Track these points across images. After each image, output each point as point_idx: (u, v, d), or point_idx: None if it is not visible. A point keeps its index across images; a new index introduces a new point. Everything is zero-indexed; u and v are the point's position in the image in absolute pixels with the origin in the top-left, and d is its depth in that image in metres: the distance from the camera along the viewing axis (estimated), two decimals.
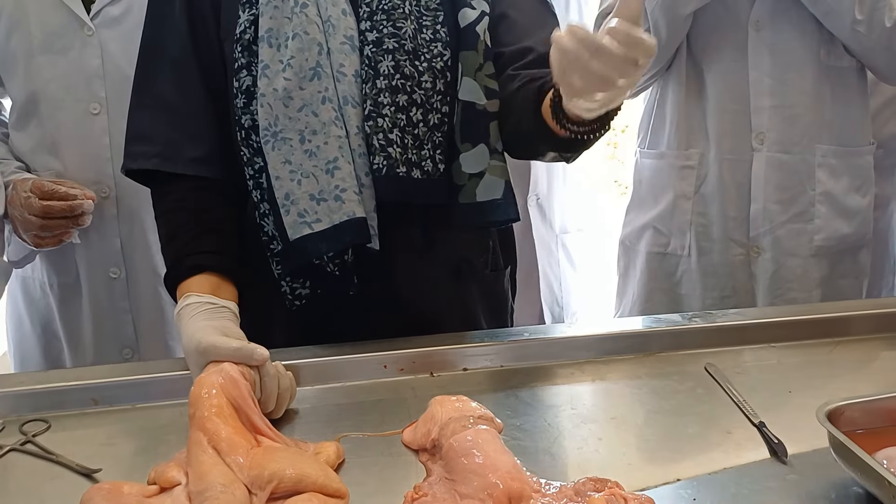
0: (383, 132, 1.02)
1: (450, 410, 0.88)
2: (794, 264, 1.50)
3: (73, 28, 1.41)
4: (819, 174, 1.48)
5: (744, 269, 1.53)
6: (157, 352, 1.52)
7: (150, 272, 1.51)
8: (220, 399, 0.84)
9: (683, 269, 1.59)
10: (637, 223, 1.66)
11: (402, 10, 1.04)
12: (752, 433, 0.90)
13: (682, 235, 1.57)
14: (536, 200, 1.91)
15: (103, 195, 1.46)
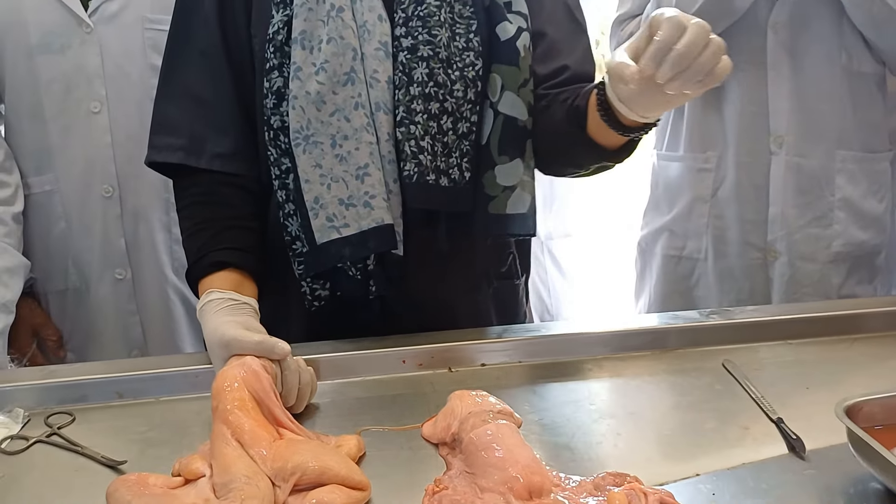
0: (415, 139, 1.03)
1: (469, 405, 0.89)
2: (810, 269, 1.49)
3: (72, 26, 1.40)
4: (838, 179, 1.48)
5: (760, 272, 1.53)
6: (165, 352, 1.52)
7: (156, 272, 1.51)
8: (242, 392, 0.85)
9: (700, 272, 1.59)
10: (654, 225, 1.66)
11: (438, 17, 1.04)
12: (770, 429, 0.90)
13: (698, 238, 1.57)
14: None
15: (106, 195, 1.45)
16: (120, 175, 1.45)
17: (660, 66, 0.81)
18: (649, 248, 1.68)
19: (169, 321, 1.53)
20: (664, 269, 1.64)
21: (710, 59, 0.80)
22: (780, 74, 1.45)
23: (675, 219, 1.61)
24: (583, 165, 1.11)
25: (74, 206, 1.46)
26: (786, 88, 1.46)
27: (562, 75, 1.09)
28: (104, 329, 1.51)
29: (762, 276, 1.53)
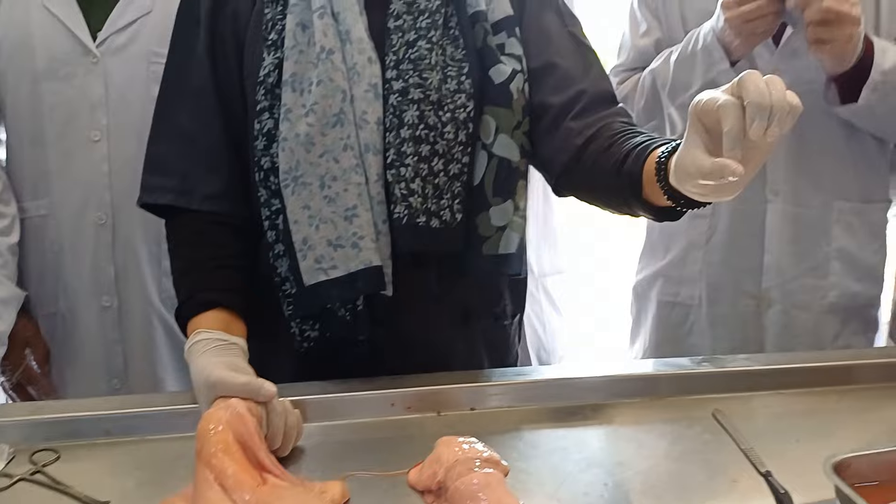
0: (405, 181, 1.03)
1: (456, 452, 0.88)
2: (805, 319, 1.49)
3: (78, 55, 1.42)
4: (835, 230, 1.48)
5: (754, 321, 1.53)
6: (146, 383, 1.51)
7: (143, 302, 1.50)
8: (226, 435, 0.85)
9: (693, 318, 1.58)
10: (649, 271, 1.66)
11: (429, 60, 1.05)
12: (758, 482, 0.89)
13: (692, 285, 1.57)
14: None
15: (100, 222, 1.45)
16: (115, 204, 1.45)
17: (749, 130, 0.75)
18: (644, 293, 1.67)
19: (152, 352, 1.52)
20: (659, 314, 1.64)
21: (781, 96, 0.75)
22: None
23: (669, 265, 1.61)
24: (632, 214, 1.07)
25: (68, 232, 1.47)
26: (783, 138, 1.46)
27: (581, 101, 1.09)
28: (87, 355, 1.51)
29: (756, 324, 1.53)
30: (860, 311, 1.52)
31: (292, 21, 1.05)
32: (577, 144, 1.07)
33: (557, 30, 1.15)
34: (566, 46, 1.14)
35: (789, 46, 1.43)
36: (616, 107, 1.12)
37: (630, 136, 1.02)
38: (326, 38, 1.04)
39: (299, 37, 1.04)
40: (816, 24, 1.29)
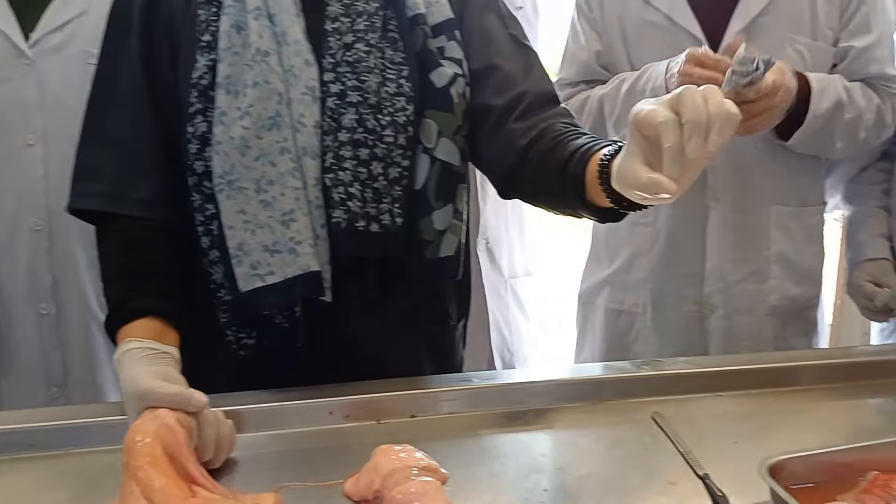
0: (344, 185, 1.02)
1: (393, 461, 0.86)
2: (746, 323, 1.51)
3: (11, 57, 1.37)
4: (774, 234, 1.50)
5: (698, 326, 1.54)
6: (86, 390, 1.47)
7: (82, 309, 1.47)
8: (154, 447, 0.82)
9: (639, 326, 1.59)
10: (594, 279, 1.67)
11: (367, 63, 1.04)
12: (696, 485, 0.89)
13: (637, 292, 1.58)
14: (486, 244, 1.89)
15: (36, 228, 1.41)
16: (51, 209, 1.41)
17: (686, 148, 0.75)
18: (590, 301, 1.68)
19: (91, 359, 1.48)
20: (605, 322, 1.64)
21: (718, 108, 0.74)
22: None
23: (614, 273, 1.61)
24: (575, 215, 1.07)
25: (2, 238, 1.42)
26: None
27: (523, 102, 1.09)
28: (24, 364, 1.46)
29: (700, 329, 1.54)
30: (800, 314, 1.55)
31: (227, 22, 1.02)
32: (521, 146, 1.06)
33: (498, 32, 1.15)
34: (507, 48, 1.14)
35: (728, 54, 1.45)
36: (558, 107, 1.12)
37: (573, 137, 1.03)
38: (262, 39, 1.02)
39: (234, 38, 1.02)
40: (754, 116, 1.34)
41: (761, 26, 1.43)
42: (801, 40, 1.44)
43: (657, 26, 1.49)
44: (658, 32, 1.49)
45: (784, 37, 1.43)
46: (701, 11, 1.46)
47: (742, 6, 1.44)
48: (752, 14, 1.43)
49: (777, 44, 1.43)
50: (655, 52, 1.48)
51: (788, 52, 1.43)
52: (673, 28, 1.47)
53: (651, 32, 1.49)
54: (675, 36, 1.47)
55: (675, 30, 1.47)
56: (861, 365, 1.18)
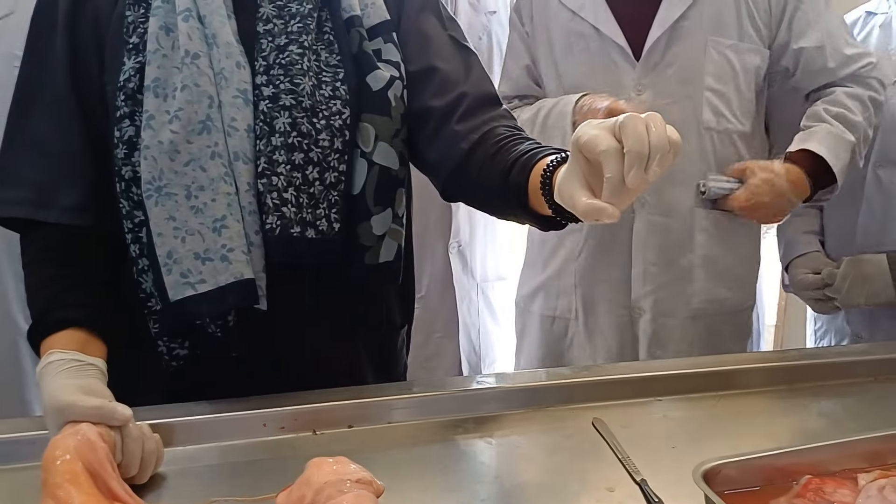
0: (277, 191, 0.99)
1: (326, 473, 0.84)
2: (671, 325, 1.52)
3: None
4: (698, 238, 1.51)
5: (628, 330, 1.55)
6: (13, 408, 1.43)
7: (6, 322, 1.42)
8: (74, 464, 0.79)
9: (573, 331, 1.59)
10: (530, 286, 1.67)
11: (301, 65, 1.01)
12: (633, 490, 0.89)
13: (568, 298, 1.58)
14: (458, 248, 1.89)
15: None
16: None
17: (626, 178, 0.74)
18: (527, 307, 1.68)
19: (18, 375, 1.44)
20: (541, 329, 1.65)
21: (660, 137, 0.74)
22: None
23: (548, 279, 1.62)
24: (518, 221, 1.06)
25: None
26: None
27: (463, 103, 1.07)
28: None
29: (630, 333, 1.55)
30: (731, 317, 1.56)
31: (155, 24, 0.99)
32: (464, 149, 1.05)
33: (437, 33, 1.13)
34: (446, 50, 1.13)
35: (651, 61, 1.46)
36: (500, 109, 1.10)
37: (516, 142, 1.01)
38: (192, 41, 0.99)
39: (163, 40, 0.99)
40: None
41: (682, 31, 1.45)
42: (726, 42, 1.45)
43: (584, 37, 1.50)
44: (585, 42, 1.50)
45: (706, 40, 1.45)
46: (624, 20, 1.47)
47: (661, 12, 1.45)
48: (672, 19, 1.44)
49: (699, 47, 1.45)
50: (583, 62, 1.50)
51: (712, 54, 1.45)
52: (599, 38, 1.48)
53: (578, 43, 1.51)
54: (601, 45, 1.48)
55: (601, 39, 1.48)
56: (799, 368, 1.19)
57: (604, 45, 1.48)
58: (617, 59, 1.48)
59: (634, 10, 1.47)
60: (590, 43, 1.49)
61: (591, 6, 1.49)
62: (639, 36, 1.46)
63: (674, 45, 1.45)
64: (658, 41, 1.45)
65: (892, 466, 0.89)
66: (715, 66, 1.44)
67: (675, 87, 1.46)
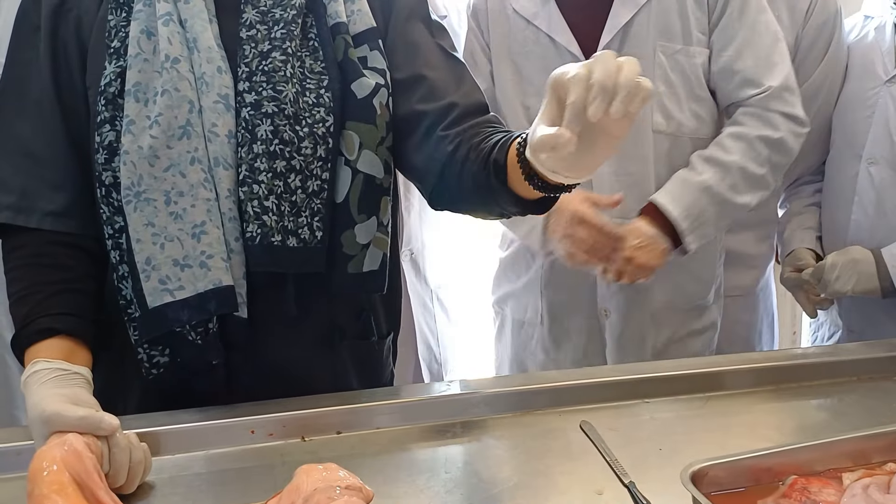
0: (258, 199, 0.99)
1: (315, 480, 0.84)
2: (635, 324, 1.53)
3: None
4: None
5: (596, 332, 1.56)
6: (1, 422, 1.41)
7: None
8: (61, 475, 0.78)
9: (539, 336, 1.60)
10: (503, 290, 1.68)
11: (284, 72, 1.00)
12: (622, 493, 0.89)
13: (535, 303, 1.59)
14: (410, 255, 1.88)
15: None
16: None
17: (588, 108, 0.74)
18: (502, 310, 1.69)
19: (4, 388, 1.42)
20: (514, 332, 1.66)
21: (629, 77, 0.73)
22: None
23: (517, 284, 1.62)
24: (501, 214, 1.06)
25: None
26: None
27: (452, 112, 1.06)
28: None
29: (598, 336, 1.56)
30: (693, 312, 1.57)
31: (136, 28, 0.99)
32: (448, 150, 1.04)
33: (426, 41, 1.13)
34: (435, 58, 1.12)
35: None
36: (488, 115, 1.10)
37: (497, 133, 1.01)
38: (172, 46, 0.98)
39: (144, 44, 0.99)
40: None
41: (631, 35, 1.45)
42: (674, 46, 1.45)
43: (539, 44, 1.50)
44: (541, 50, 1.50)
45: (655, 44, 1.45)
46: (576, 27, 1.47)
47: (611, 18, 1.45)
48: (621, 24, 1.45)
49: (649, 52, 1.45)
50: (539, 67, 1.49)
51: (660, 58, 1.45)
52: (554, 46, 1.48)
53: (535, 50, 1.50)
54: (556, 52, 1.48)
55: (555, 47, 1.48)
56: (785, 368, 1.20)
57: (559, 53, 1.47)
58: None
59: (586, 16, 1.47)
60: (545, 51, 1.49)
61: (544, 14, 1.49)
62: (591, 41, 1.46)
63: (623, 51, 1.45)
64: (608, 46, 1.44)
65: (876, 465, 0.90)
66: (663, 70, 1.45)
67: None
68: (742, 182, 1.45)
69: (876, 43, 1.57)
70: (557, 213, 1.40)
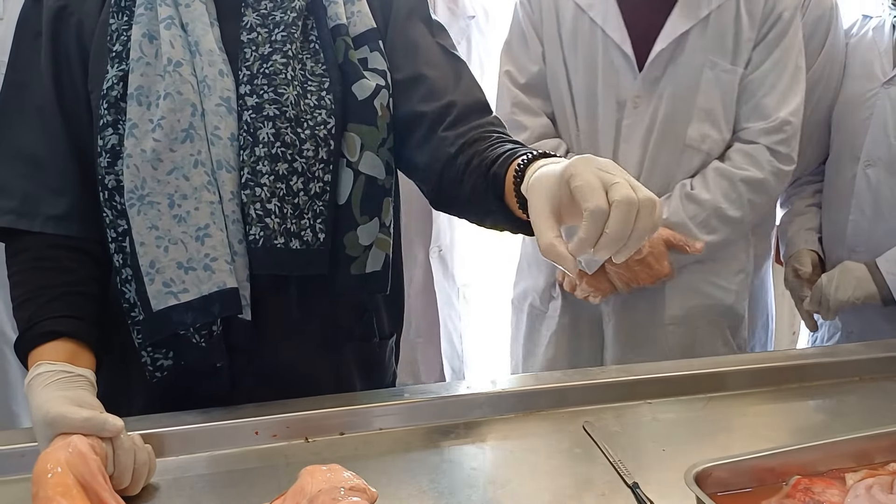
0: (261, 202, 0.99)
1: (320, 482, 0.84)
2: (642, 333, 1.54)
3: None
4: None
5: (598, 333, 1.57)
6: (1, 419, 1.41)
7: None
8: (65, 477, 0.78)
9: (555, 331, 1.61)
10: (523, 286, 1.68)
11: (285, 75, 1.01)
12: (626, 494, 0.89)
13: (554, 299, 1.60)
14: (439, 252, 1.89)
15: None
16: None
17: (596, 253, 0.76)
18: (520, 305, 1.69)
19: (5, 387, 1.43)
20: (528, 328, 1.66)
21: (643, 229, 0.75)
22: (631, 144, 1.48)
23: (536, 280, 1.63)
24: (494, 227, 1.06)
25: None
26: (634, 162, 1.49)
27: (453, 111, 1.06)
28: None
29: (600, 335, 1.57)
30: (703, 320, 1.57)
31: (138, 32, 0.99)
32: (450, 153, 1.04)
33: (425, 40, 1.13)
34: (435, 57, 1.12)
35: (652, 74, 1.46)
36: (490, 116, 1.10)
37: (502, 143, 1.00)
38: (174, 49, 0.98)
39: (146, 48, 0.99)
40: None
41: (685, 47, 1.45)
42: (723, 64, 1.45)
43: (588, 34, 1.48)
44: (588, 40, 1.48)
45: (706, 59, 1.45)
46: (630, 26, 1.46)
47: (669, 25, 1.44)
48: (678, 33, 1.44)
49: (697, 66, 1.45)
50: (585, 57, 1.48)
51: (707, 74, 1.45)
52: (604, 40, 1.47)
53: (582, 39, 1.49)
54: (605, 47, 1.47)
55: (605, 42, 1.47)
56: (786, 369, 1.20)
57: (607, 48, 1.46)
58: (620, 65, 1.46)
59: (642, 17, 1.46)
60: (593, 42, 1.47)
61: (600, 7, 1.47)
62: (644, 44, 1.45)
63: (675, 61, 1.45)
64: (661, 54, 1.44)
65: (879, 466, 0.90)
66: (708, 86, 1.44)
67: (667, 102, 1.46)
68: (715, 221, 1.47)
69: (874, 43, 1.58)
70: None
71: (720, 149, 1.50)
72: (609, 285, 1.50)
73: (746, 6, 1.45)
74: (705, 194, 1.46)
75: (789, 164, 1.49)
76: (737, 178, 1.46)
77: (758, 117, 1.47)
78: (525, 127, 1.52)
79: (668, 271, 1.46)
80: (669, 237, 1.45)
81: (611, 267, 1.47)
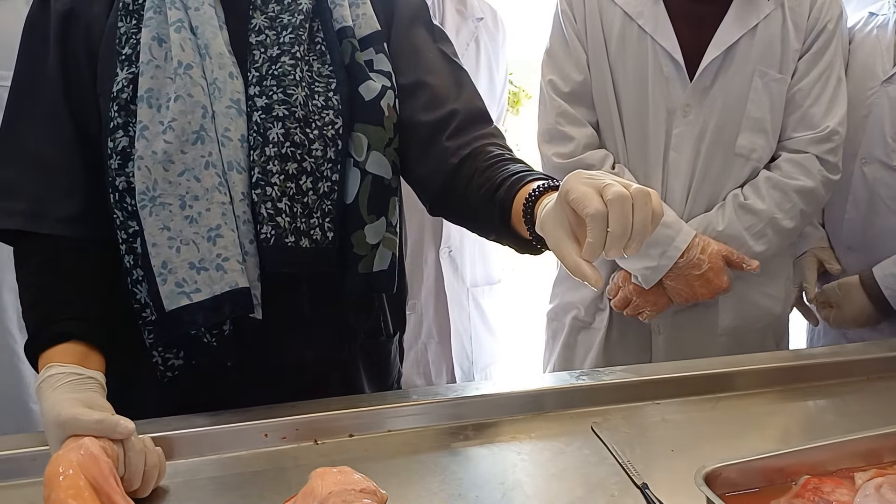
0: (272, 201, 0.99)
1: (330, 484, 0.84)
2: (693, 345, 1.52)
3: None
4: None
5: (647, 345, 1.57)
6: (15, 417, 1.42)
7: (2, 333, 1.41)
8: (77, 479, 0.78)
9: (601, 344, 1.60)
10: (563, 298, 1.67)
11: (293, 76, 1.02)
12: (635, 495, 0.89)
13: (602, 312, 1.59)
14: (449, 253, 1.90)
15: None
16: None
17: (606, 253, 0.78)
18: (559, 318, 1.68)
19: (17, 386, 1.43)
20: (567, 339, 1.65)
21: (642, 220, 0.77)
22: (681, 154, 1.47)
23: (581, 293, 1.62)
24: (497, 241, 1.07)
25: None
26: (683, 169, 1.48)
27: (454, 120, 1.07)
28: None
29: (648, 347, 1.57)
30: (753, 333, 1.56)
31: (147, 35, 1.00)
32: (453, 164, 1.05)
33: (427, 46, 1.14)
34: (436, 64, 1.13)
35: (702, 83, 1.45)
36: (490, 127, 1.11)
37: (506, 162, 1.01)
38: (184, 52, 0.99)
39: (155, 51, 0.99)
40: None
41: (736, 55, 1.44)
42: (773, 74, 1.45)
43: (637, 42, 1.47)
44: (637, 48, 1.47)
45: (755, 68, 1.45)
46: (680, 35, 1.46)
47: (720, 34, 1.44)
48: (728, 42, 1.43)
49: (747, 75, 1.44)
50: (633, 65, 1.47)
51: (757, 83, 1.44)
52: (653, 48, 1.46)
53: (630, 47, 1.48)
54: (655, 54, 1.46)
55: (654, 49, 1.46)
56: (794, 369, 1.20)
57: (658, 56, 1.46)
58: (670, 73, 1.45)
59: (693, 27, 1.45)
60: (642, 51, 1.47)
61: (650, 15, 1.46)
62: (695, 53, 1.45)
63: (726, 70, 1.44)
64: (712, 64, 1.44)
65: (889, 465, 0.90)
66: (758, 96, 1.44)
67: (718, 110, 1.46)
68: (770, 231, 1.47)
69: (877, 41, 1.58)
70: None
71: (767, 158, 1.50)
72: (666, 300, 1.50)
73: (792, 17, 1.45)
74: (760, 204, 1.46)
75: (836, 174, 1.49)
76: (790, 187, 1.46)
77: (805, 127, 1.47)
78: (571, 138, 1.51)
79: (727, 286, 1.46)
80: (728, 254, 1.45)
81: (669, 282, 1.46)
